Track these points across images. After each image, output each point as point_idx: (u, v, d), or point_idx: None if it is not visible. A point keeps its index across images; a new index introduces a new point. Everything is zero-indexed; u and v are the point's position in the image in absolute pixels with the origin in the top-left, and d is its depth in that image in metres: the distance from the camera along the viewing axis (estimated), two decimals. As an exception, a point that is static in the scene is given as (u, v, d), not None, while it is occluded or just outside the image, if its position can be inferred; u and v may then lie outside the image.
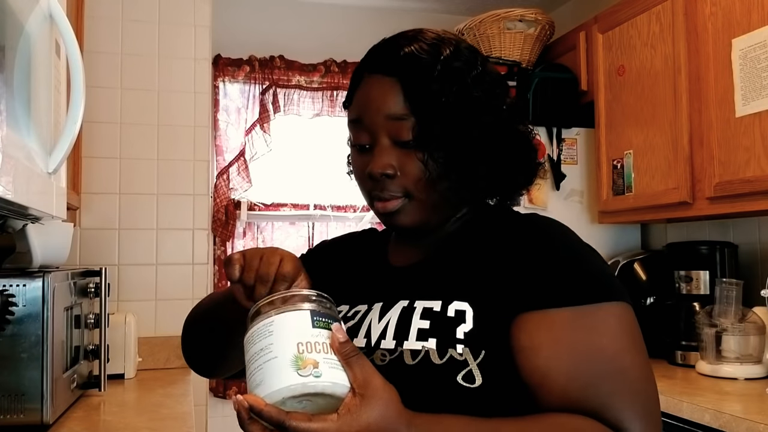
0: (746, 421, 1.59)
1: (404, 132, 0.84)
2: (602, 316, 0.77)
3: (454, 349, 0.77)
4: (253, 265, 0.79)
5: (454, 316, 0.79)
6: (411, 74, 0.83)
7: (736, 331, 2.09)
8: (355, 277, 0.98)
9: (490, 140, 0.86)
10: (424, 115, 0.83)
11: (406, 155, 0.85)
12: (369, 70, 0.88)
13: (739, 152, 1.99)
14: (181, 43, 2.66)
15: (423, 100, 0.83)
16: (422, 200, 0.86)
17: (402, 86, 0.84)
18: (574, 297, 0.77)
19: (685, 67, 2.22)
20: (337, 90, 3.33)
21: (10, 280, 1.53)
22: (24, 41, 1.00)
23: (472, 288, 0.81)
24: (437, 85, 0.83)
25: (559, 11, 3.38)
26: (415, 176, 0.84)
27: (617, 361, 0.75)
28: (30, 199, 1.00)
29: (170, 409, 1.88)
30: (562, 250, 0.81)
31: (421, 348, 0.78)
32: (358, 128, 0.88)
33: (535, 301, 0.78)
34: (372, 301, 0.89)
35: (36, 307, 1.54)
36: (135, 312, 2.42)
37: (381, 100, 0.85)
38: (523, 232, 0.84)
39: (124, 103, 2.59)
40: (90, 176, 2.53)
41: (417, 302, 0.83)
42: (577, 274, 0.79)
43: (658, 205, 2.34)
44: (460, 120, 0.84)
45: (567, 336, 0.76)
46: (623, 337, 0.77)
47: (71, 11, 2.11)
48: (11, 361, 1.52)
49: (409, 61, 0.84)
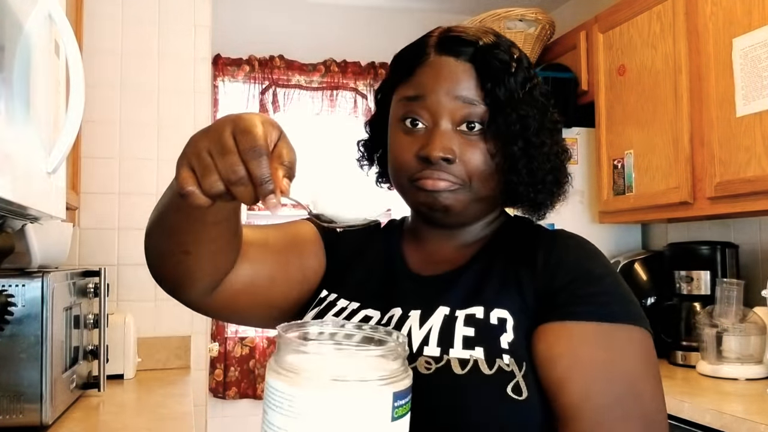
0: (747, 421, 1.58)
1: (474, 118, 0.82)
2: (625, 338, 0.76)
3: (501, 359, 0.75)
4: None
5: (497, 324, 0.77)
6: (488, 64, 0.83)
7: (737, 332, 2.09)
8: (376, 277, 0.92)
9: (546, 146, 0.86)
10: (497, 105, 0.82)
11: (469, 142, 0.83)
12: (440, 51, 0.85)
13: (740, 152, 1.99)
14: (181, 42, 2.66)
15: (498, 91, 0.82)
16: (475, 191, 0.84)
17: (477, 73, 0.83)
18: (598, 313, 0.76)
19: (686, 67, 2.21)
20: (337, 90, 3.33)
21: (9, 280, 1.53)
22: (23, 41, 0.99)
23: (508, 298, 0.80)
24: (513, 81, 0.83)
25: (560, 11, 3.37)
26: (475, 165, 0.83)
27: (635, 386, 0.74)
28: (29, 199, 1.00)
29: (170, 409, 1.88)
30: (593, 267, 0.80)
31: (469, 357, 0.75)
32: (418, 106, 0.84)
33: (559, 312, 0.76)
34: (407, 307, 0.84)
35: (35, 308, 1.54)
36: (134, 312, 2.42)
37: (453, 82, 0.83)
38: (557, 245, 0.83)
39: (123, 103, 2.59)
40: (89, 176, 2.52)
41: (458, 311, 0.80)
42: (605, 292, 0.78)
43: (658, 205, 2.34)
44: (528, 119, 0.83)
45: (587, 351, 0.74)
46: (643, 364, 0.76)
47: (71, 11, 2.11)
48: (10, 362, 1.52)
49: (488, 52, 0.84)
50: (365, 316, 0.86)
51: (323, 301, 0.91)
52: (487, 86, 0.82)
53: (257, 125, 0.62)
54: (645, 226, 2.86)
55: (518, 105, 0.83)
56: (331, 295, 0.91)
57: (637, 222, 2.77)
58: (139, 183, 2.58)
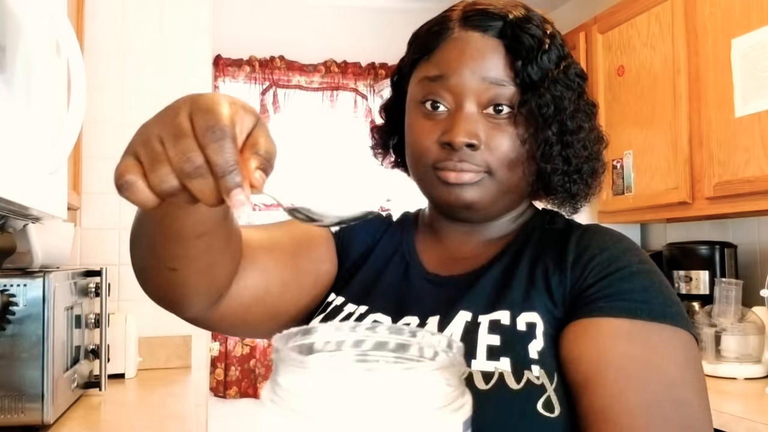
0: (746, 420, 1.59)
1: (502, 100, 0.74)
2: (665, 337, 0.65)
3: (530, 371, 0.65)
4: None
5: (525, 330, 0.68)
6: (519, 40, 0.74)
7: (736, 331, 2.10)
8: (388, 279, 0.83)
9: (584, 131, 0.78)
10: (528, 86, 0.73)
11: (496, 127, 0.74)
12: (465, 25, 0.76)
13: (739, 152, 2.00)
14: (182, 43, 2.66)
15: (529, 70, 0.73)
16: (502, 180, 0.75)
17: (507, 50, 0.74)
18: (633, 309, 0.66)
19: (685, 68, 2.22)
20: (337, 90, 3.33)
21: (10, 280, 1.54)
22: (25, 42, 1.00)
23: (537, 298, 0.71)
24: (547, 59, 0.74)
25: (559, 11, 3.38)
26: (503, 152, 0.74)
27: (676, 391, 0.63)
28: (31, 199, 1.01)
29: (170, 409, 1.88)
30: (633, 262, 0.71)
31: (494, 370, 0.66)
32: (440, 87, 0.75)
33: (589, 308, 0.67)
34: (425, 314, 0.75)
35: (37, 307, 1.55)
36: (135, 312, 2.42)
37: (480, 60, 0.74)
38: (592, 240, 0.74)
39: (124, 104, 2.59)
40: (90, 176, 2.53)
41: (480, 316, 0.71)
42: (642, 288, 0.68)
43: (657, 205, 2.34)
44: (564, 101, 0.75)
45: (619, 346, 0.64)
46: (686, 369, 0.65)
47: (72, 12, 2.11)
48: (12, 361, 1.52)
49: (518, 26, 0.74)
50: (373, 321, 0.76)
51: (329, 305, 0.83)
52: (518, 65, 0.73)
53: (221, 103, 0.48)
54: (644, 226, 2.86)
55: (552, 85, 0.74)
56: (339, 298, 0.83)
57: (636, 222, 2.77)
58: (140, 183, 2.58)
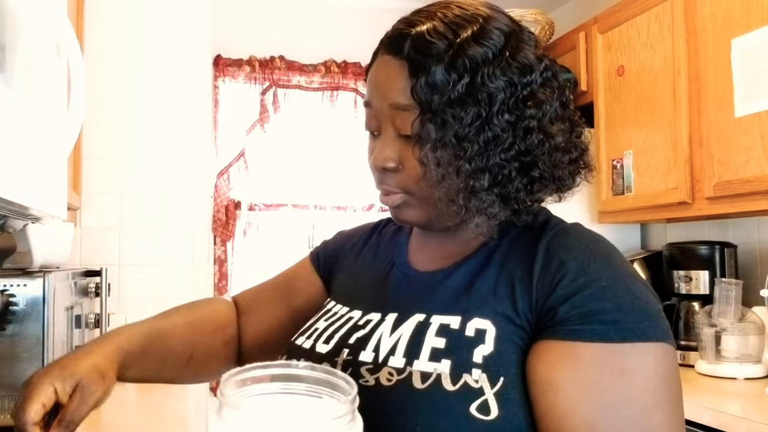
0: (746, 420, 1.59)
1: (406, 125, 0.73)
2: (637, 359, 0.66)
3: (470, 374, 0.67)
4: None
5: (473, 336, 0.70)
6: (419, 59, 0.71)
7: (736, 331, 2.10)
8: (371, 277, 0.88)
9: (507, 143, 0.72)
10: (427, 107, 0.71)
11: (409, 149, 0.75)
12: (384, 48, 0.77)
13: (739, 152, 2.00)
14: (182, 43, 2.66)
15: (427, 90, 0.71)
16: (426, 199, 0.76)
17: (409, 72, 0.72)
18: (607, 331, 0.66)
19: (685, 68, 2.22)
20: (337, 90, 3.33)
21: (10, 280, 1.53)
22: (24, 41, 1.00)
23: (496, 304, 0.72)
24: (445, 75, 0.70)
25: (559, 11, 3.38)
26: (414, 174, 0.75)
27: (644, 420, 0.65)
28: (30, 199, 1.01)
29: (170, 408, 1.88)
30: (603, 275, 0.69)
31: (433, 370, 0.68)
32: (368, 113, 0.79)
33: (562, 329, 0.67)
34: (387, 311, 0.79)
35: (36, 307, 1.54)
36: (135, 312, 2.42)
37: (387, 85, 0.75)
38: (562, 246, 0.73)
39: (124, 104, 2.59)
40: (90, 176, 2.53)
41: (434, 317, 0.73)
42: (616, 305, 0.67)
43: (657, 205, 2.34)
44: (470, 118, 0.71)
45: (592, 377, 0.65)
46: (657, 388, 0.66)
47: (72, 11, 2.11)
48: (12, 361, 1.52)
49: (419, 43, 0.72)
50: (348, 318, 0.82)
51: (322, 308, 0.90)
52: (417, 87, 0.71)
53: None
54: (644, 226, 2.86)
55: (453, 103, 0.70)
56: (331, 302, 0.90)
57: (636, 222, 2.77)
58: (140, 183, 2.59)
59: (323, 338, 0.81)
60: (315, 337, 0.83)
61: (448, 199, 0.74)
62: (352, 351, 0.76)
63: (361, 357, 0.74)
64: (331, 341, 0.80)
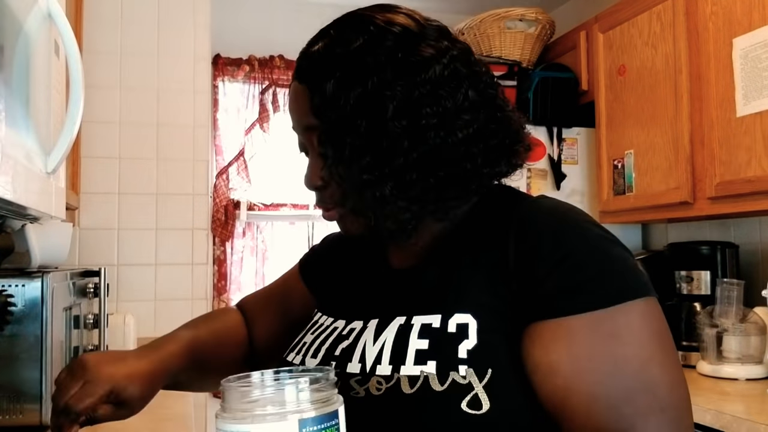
0: (747, 421, 1.58)
1: (314, 144, 0.77)
2: (624, 319, 0.66)
3: (456, 371, 0.67)
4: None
5: (455, 332, 0.69)
6: (312, 78, 0.74)
7: (737, 332, 2.09)
8: (355, 283, 0.88)
9: (406, 147, 0.72)
10: (326, 125, 0.74)
11: None
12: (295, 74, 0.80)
13: (740, 152, 1.99)
14: (181, 43, 2.66)
15: (324, 108, 0.73)
16: (359, 209, 0.77)
17: (309, 92, 0.75)
18: (591, 300, 0.66)
19: (686, 67, 2.21)
20: (337, 90, 3.33)
21: (8, 281, 1.53)
22: (23, 41, 0.99)
23: (474, 295, 0.71)
24: (336, 90, 0.72)
25: (560, 10, 3.37)
26: (334, 189, 0.78)
27: (643, 374, 0.65)
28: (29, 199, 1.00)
29: (170, 409, 1.88)
30: (579, 244, 0.69)
31: (420, 373, 0.68)
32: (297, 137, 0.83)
33: (550, 307, 0.67)
34: (368, 317, 0.78)
35: (35, 308, 1.54)
36: (134, 312, 2.42)
37: (295, 109, 0.78)
38: (533, 223, 0.72)
39: (123, 103, 2.59)
40: (89, 176, 2.52)
41: (415, 318, 0.73)
42: (595, 276, 0.67)
43: (658, 205, 2.34)
44: (363, 128, 0.72)
45: (587, 349, 0.66)
46: (649, 343, 0.67)
47: (70, 11, 2.10)
48: (10, 362, 1.52)
49: (310, 63, 0.76)
50: (333, 329, 0.82)
51: (311, 319, 0.91)
52: (314, 105, 0.74)
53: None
54: (645, 226, 2.86)
55: (346, 116, 0.72)
56: (318, 313, 0.90)
57: (638, 222, 2.77)
58: (139, 183, 2.58)
59: (311, 352, 0.81)
60: (304, 351, 0.83)
61: (380, 204, 0.74)
62: (339, 363, 0.76)
63: (349, 369, 0.74)
64: (318, 354, 0.80)
